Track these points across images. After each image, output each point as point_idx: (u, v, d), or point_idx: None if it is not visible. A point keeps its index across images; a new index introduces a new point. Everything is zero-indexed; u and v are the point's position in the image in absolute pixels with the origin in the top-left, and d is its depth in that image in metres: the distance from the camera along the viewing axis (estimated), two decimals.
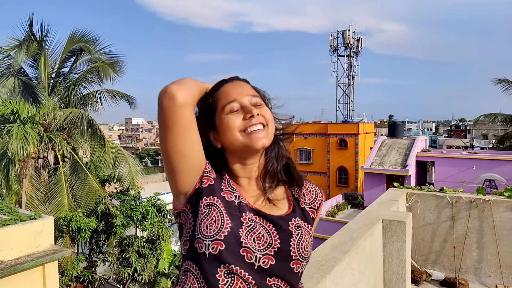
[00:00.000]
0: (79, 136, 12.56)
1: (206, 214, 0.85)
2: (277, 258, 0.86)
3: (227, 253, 0.82)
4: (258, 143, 0.90)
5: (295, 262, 0.88)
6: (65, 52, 12.57)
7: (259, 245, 0.86)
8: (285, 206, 0.96)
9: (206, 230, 0.83)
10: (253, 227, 0.87)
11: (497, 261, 3.51)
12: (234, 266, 0.82)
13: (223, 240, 0.82)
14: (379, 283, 2.78)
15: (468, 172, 19.11)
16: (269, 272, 0.85)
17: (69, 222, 10.57)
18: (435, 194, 3.84)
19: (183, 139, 0.82)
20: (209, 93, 0.95)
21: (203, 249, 0.82)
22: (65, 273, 10.73)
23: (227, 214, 0.86)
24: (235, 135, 0.91)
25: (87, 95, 13.05)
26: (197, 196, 0.87)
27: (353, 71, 37.28)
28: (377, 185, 20.68)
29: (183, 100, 0.80)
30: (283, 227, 0.89)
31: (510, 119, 20.49)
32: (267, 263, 0.85)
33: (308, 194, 1.01)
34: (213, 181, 0.90)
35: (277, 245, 0.87)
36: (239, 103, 0.92)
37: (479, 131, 54.93)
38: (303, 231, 0.92)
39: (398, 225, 2.76)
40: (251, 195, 0.94)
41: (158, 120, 0.83)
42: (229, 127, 0.91)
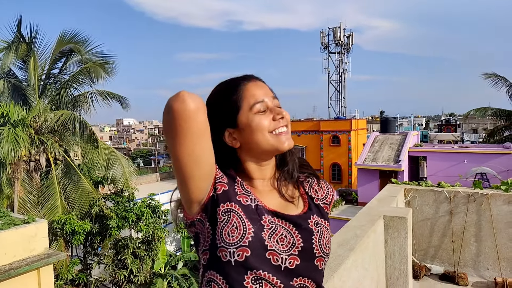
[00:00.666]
0: (71, 138, 12.42)
1: (226, 221, 0.83)
2: (302, 257, 0.86)
3: (254, 258, 0.81)
4: (285, 145, 0.92)
5: (319, 259, 0.89)
6: (54, 53, 12.40)
7: (283, 246, 0.85)
8: (301, 204, 0.97)
9: (229, 238, 0.81)
10: (274, 229, 0.86)
11: (495, 254, 3.55)
12: (262, 271, 0.81)
13: (248, 246, 0.81)
14: (381, 278, 2.79)
15: (459, 166, 19.34)
16: (296, 272, 0.85)
17: (63, 225, 10.47)
18: (433, 189, 3.87)
19: (198, 145, 0.78)
20: (227, 91, 0.93)
21: (228, 257, 0.81)
22: (60, 277, 10.63)
23: (247, 218, 0.84)
24: (265, 136, 0.90)
25: (78, 97, 12.90)
26: (212, 204, 0.85)
27: (344, 68, 37.44)
28: (371, 180, 20.82)
29: (197, 104, 0.76)
30: (303, 225, 0.90)
31: (500, 113, 20.76)
32: (293, 264, 0.85)
33: (320, 190, 1.02)
34: (227, 186, 0.87)
35: (301, 244, 0.87)
36: (266, 104, 0.92)
37: (469, 125, 55.67)
38: (322, 227, 0.92)
39: (399, 221, 2.78)
40: (266, 197, 0.94)
41: (168, 128, 0.76)
42: (260, 127, 0.90)
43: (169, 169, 40.01)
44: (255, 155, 0.93)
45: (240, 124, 0.91)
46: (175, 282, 14.40)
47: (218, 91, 0.95)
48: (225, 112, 0.92)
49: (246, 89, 0.92)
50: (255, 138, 0.91)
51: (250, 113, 0.91)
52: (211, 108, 0.92)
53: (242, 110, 0.91)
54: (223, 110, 0.92)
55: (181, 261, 15.97)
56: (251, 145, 0.92)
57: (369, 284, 2.44)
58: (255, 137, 0.90)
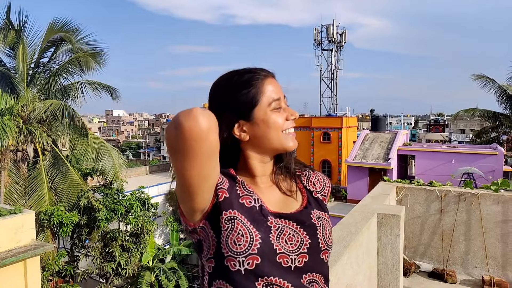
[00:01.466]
0: (59, 129, 12.22)
1: (230, 230, 0.81)
2: (310, 253, 0.87)
3: (264, 264, 0.80)
4: (292, 145, 0.94)
5: (324, 252, 0.90)
6: (44, 41, 12.15)
7: (292, 245, 0.85)
8: (299, 198, 0.98)
9: (236, 246, 0.79)
10: (281, 229, 0.86)
11: (483, 253, 3.62)
12: (273, 277, 0.81)
13: (257, 253, 0.80)
14: (373, 275, 2.82)
15: (447, 165, 19.62)
16: (305, 269, 0.86)
17: (51, 216, 10.34)
18: (425, 188, 3.92)
19: (208, 164, 0.74)
20: (247, 83, 0.90)
21: (238, 267, 0.79)
22: (47, 268, 10.52)
23: (252, 224, 0.83)
24: (278, 134, 0.91)
25: (68, 86, 12.67)
26: (215, 211, 0.83)
27: (336, 65, 37.52)
28: (360, 178, 21.01)
29: (210, 122, 0.71)
30: (306, 222, 0.90)
31: (487, 114, 21.07)
32: (302, 261, 0.85)
33: (317, 183, 1.03)
34: (227, 192, 0.85)
35: (308, 241, 0.87)
36: (281, 102, 0.92)
37: (456, 125, 56.47)
38: (323, 221, 0.93)
39: (393, 218, 2.80)
40: (267, 193, 0.93)
41: (175, 146, 0.71)
42: (276, 125, 0.90)
43: (159, 162, 39.75)
44: (261, 151, 0.93)
45: (256, 118, 0.90)
46: (163, 275, 14.38)
47: (233, 81, 0.91)
48: (242, 104, 0.89)
49: (266, 83, 0.91)
50: (269, 135, 0.90)
51: (268, 109, 0.90)
52: (223, 97, 0.90)
53: (260, 104, 0.90)
54: (240, 101, 0.89)
55: (169, 255, 15.94)
56: (262, 141, 0.91)
57: (361, 280, 2.46)
58: (270, 133, 0.90)
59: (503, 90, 19.46)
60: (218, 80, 0.94)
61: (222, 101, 0.90)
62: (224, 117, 0.87)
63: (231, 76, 0.92)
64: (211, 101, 0.93)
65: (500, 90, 19.57)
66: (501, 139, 22.36)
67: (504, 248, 3.55)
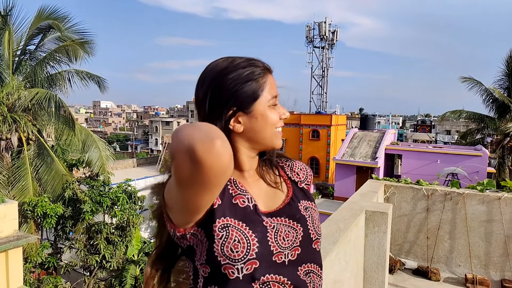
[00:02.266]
0: (45, 118, 11.97)
1: (225, 238, 0.78)
2: (302, 246, 0.87)
3: (262, 267, 0.79)
4: (280, 143, 0.93)
5: (316, 242, 0.91)
6: (32, 28, 11.85)
7: (287, 242, 0.85)
8: (285, 189, 0.98)
9: (233, 254, 0.77)
10: (277, 228, 0.85)
11: (467, 251, 3.68)
12: (269, 274, 0.80)
13: (255, 258, 0.78)
14: (360, 272, 2.84)
15: (433, 165, 19.94)
16: (299, 261, 0.85)
17: (34, 207, 10.16)
18: (412, 187, 3.96)
19: (219, 191, 0.72)
20: (251, 74, 0.87)
21: (236, 274, 0.77)
22: (29, 260, 10.35)
23: (247, 226, 0.80)
24: (272, 130, 0.90)
25: (55, 75, 12.40)
26: (208, 218, 0.79)
27: (327, 63, 37.67)
28: (348, 176, 21.19)
29: (231, 156, 0.66)
30: (297, 215, 0.90)
31: (473, 116, 21.43)
32: (295, 254, 0.85)
33: (300, 172, 1.04)
34: (220, 197, 0.82)
35: (301, 234, 0.87)
36: (277, 100, 0.91)
37: (443, 126, 57.42)
38: (311, 210, 0.93)
39: (380, 216, 2.82)
40: (255, 187, 0.92)
41: (189, 180, 0.65)
42: (273, 122, 0.89)
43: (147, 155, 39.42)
44: (252, 145, 0.90)
45: (255, 111, 0.87)
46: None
47: (239, 70, 0.87)
48: (245, 94, 0.86)
49: (268, 78, 0.90)
50: (264, 130, 0.89)
51: (267, 104, 0.88)
52: (225, 85, 0.85)
53: (261, 98, 0.88)
54: (244, 92, 0.86)
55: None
56: (256, 135, 0.89)
57: (348, 277, 2.47)
58: (265, 129, 0.89)
59: (489, 93, 19.80)
60: (218, 66, 0.88)
61: (223, 88, 0.85)
62: (222, 106, 0.84)
63: (235, 64, 0.88)
64: (207, 87, 0.86)
65: (486, 93, 19.91)
66: (486, 141, 22.79)
67: (488, 247, 3.61)
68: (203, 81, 0.88)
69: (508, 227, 3.52)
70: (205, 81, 0.87)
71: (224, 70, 0.87)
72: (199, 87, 0.88)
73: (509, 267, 3.51)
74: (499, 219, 3.56)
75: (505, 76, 19.15)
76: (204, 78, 0.88)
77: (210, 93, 0.85)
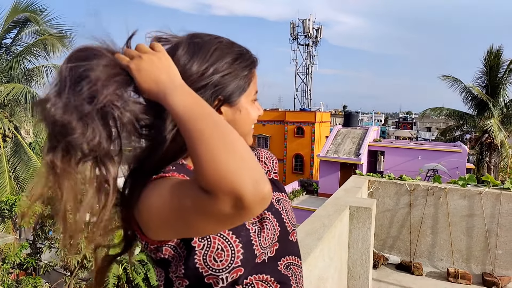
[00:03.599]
0: (22, 114, 11.61)
1: (207, 246, 0.69)
2: (280, 240, 0.82)
3: (246, 272, 0.73)
4: (251, 142, 0.89)
5: (292, 233, 0.87)
6: (8, 21, 11.46)
7: (268, 240, 0.79)
8: None
9: (217, 264, 0.69)
10: (258, 229, 0.78)
11: (449, 246, 3.72)
12: (251, 276, 0.75)
13: (241, 265, 0.71)
14: (344, 268, 2.82)
15: (414, 161, 20.32)
16: (278, 256, 0.81)
17: (12, 207, 9.87)
18: (395, 182, 3.98)
19: None
20: (244, 64, 0.79)
21: (221, 284, 0.70)
22: (7, 260, 10.05)
23: (230, 232, 0.72)
24: (250, 126, 0.84)
25: (32, 70, 12.05)
26: None
27: (311, 61, 37.87)
28: (332, 172, 21.37)
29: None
30: (273, 209, 0.85)
31: (453, 113, 21.90)
32: (273, 250, 0.81)
33: (267, 161, 1.00)
34: None
35: (278, 229, 0.82)
36: (256, 96, 0.86)
37: (423, 123, 58.61)
38: (283, 202, 0.89)
39: (365, 211, 2.80)
40: None
41: (219, 215, 0.55)
42: (252, 116, 0.83)
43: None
44: None
45: (239, 104, 0.80)
46: (131, 268, 14.08)
47: (237, 57, 0.78)
48: (235, 84, 0.78)
49: (254, 73, 0.84)
50: (244, 125, 0.82)
51: (250, 98, 0.82)
52: (218, 70, 0.75)
53: (248, 91, 0.81)
54: (236, 81, 0.78)
55: (138, 247, 15.61)
56: (235, 128, 0.80)
57: (332, 273, 2.45)
58: (246, 124, 0.83)
59: (468, 90, 20.26)
60: (222, 44, 0.78)
61: (219, 72, 0.75)
62: (208, 91, 0.74)
63: (236, 49, 0.80)
64: (209, 62, 0.74)
65: (466, 91, 20.37)
66: (465, 138, 23.33)
67: (469, 242, 3.66)
68: (203, 51, 0.75)
69: (489, 221, 3.57)
70: (206, 53, 0.75)
71: (226, 50, 0.78)
72: (195, 56, 0.75)
73: (489, 261, 3.56)
74: (480, 213, 3.60)
75: (483, 75, 19.63)
76: (203, 48, 0.76)
77: (209, 72, 0.74)
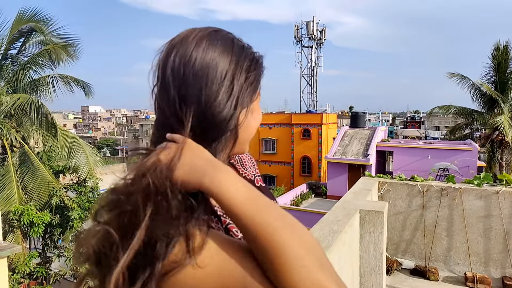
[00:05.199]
0: (29, 124, 11.65)
1: None
2: None
3: None
4: (248, 148, 0.76)
5: None
6: (13, 32, 11.52)
7: None
8: None
9: None
10: None
11: (466, 248, 3.55)
12: None
13: None
14: (355, 276, 2.68)
15: (424, 161, 20.01)
16: None
17: (20, 216, 9.87)
18: (407, 183, 3.82)
19: None
20: (259, 66, 0.68)
21: None
22: (17, 270, 10.03)
23: None
24: (250, 138, 0.72)
25: (38, 80, 12.09)
26: None
27: (316, 62, 37.72)
28: (340, 174, 21.14)
29: None
30: None
31: (462, 111, 21.55)
32: None
33: (248, 164, 0.88)
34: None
35: None
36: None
37: (432, 122, 58.00)
38: None
39: (376, 215, 2.67)
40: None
41: None
42: (259, 120, 0.72)
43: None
44: (234, 147, 0.69)
45: (252, 106, 0.67)
46: None
47: (253, 56, 0.67)
48: (255, 84, 0.66)
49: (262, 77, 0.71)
50: (254, 128, 0.71)
51: (259, 98, 0.70)
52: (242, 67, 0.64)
53: (255, 97, 0.68)
54: (256, 80, 0.67)
55: None
56: (243, 133, 0.69)
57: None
58: (255, 126, 0.71)
59: (477, 87, 19.93)
60: (238, 42, 0.67)
61: (245, 72, 0.64)
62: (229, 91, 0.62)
63: (249, 49, 0.68)
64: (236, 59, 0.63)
65: (474, 88, 20.04)
66: (475, 135, 22.95)
67: (487, 244, 3.49)
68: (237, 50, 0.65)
69: (508, 222, 3.40)
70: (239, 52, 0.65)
71: (247, 50, 0.67)
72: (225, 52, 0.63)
73: (509, 264, 3.39)
74: (497, 214, 3.43)
75: (492, 71, 19.29)
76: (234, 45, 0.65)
77: (243, 71, 0.64)
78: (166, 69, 0.62)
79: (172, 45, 0.64)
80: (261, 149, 28.29)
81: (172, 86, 0.61)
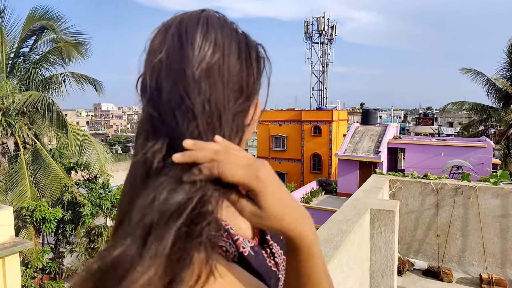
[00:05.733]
0: (41, 122, 11.80)
1: None
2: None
3: None
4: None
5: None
6: (24, 30, 11.66)
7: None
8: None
9: None
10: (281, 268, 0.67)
11: (481, 249, 3.43)
12: None
13: None
14: (366, 277, 2.60)
15: (436, 158, 19.66)
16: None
17: (33, 212, 10.02)
18: (419, 181, 3.71)
19: None
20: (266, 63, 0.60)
21: None
22: (30, 265, 10.20)
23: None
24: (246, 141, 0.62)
25: (50, 78, 12.22)
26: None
27: (327, 59, 37.39)
28: (351, 171, 20.92)
29: None
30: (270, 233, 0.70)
31: (476, 107, 21.09)
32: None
33: None
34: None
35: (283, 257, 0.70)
36: None
37: (445, 119, 57.00)
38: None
39: (387, 214, 2.58)
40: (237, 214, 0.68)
41: None
42: (259, 114, 0.61)
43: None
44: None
45: (255, 103, 0.59)
46: None
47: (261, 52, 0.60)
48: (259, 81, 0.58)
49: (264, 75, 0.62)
50: (256, 121, 0.62)
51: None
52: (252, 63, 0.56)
53: (256, 94, 0.59)
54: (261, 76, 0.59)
55: None
56: (247, 134, 0.62)
57: (352, 284, 2.23)
58: (257, 120, 0.62)
59: (492, 83, 19.48)
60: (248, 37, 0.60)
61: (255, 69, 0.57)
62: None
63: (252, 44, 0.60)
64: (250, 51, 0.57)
65: (489, 83, 19.59)
66: (489, 132, 22.46)
67: (503, 245, 3.36)
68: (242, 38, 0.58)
69: None
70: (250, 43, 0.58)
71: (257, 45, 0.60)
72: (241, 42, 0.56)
73: None
74: None
75: (507, 66, 18.82)
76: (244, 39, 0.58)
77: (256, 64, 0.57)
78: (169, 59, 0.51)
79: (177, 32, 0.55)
80: (271, 146, 28.18)
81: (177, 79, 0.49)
